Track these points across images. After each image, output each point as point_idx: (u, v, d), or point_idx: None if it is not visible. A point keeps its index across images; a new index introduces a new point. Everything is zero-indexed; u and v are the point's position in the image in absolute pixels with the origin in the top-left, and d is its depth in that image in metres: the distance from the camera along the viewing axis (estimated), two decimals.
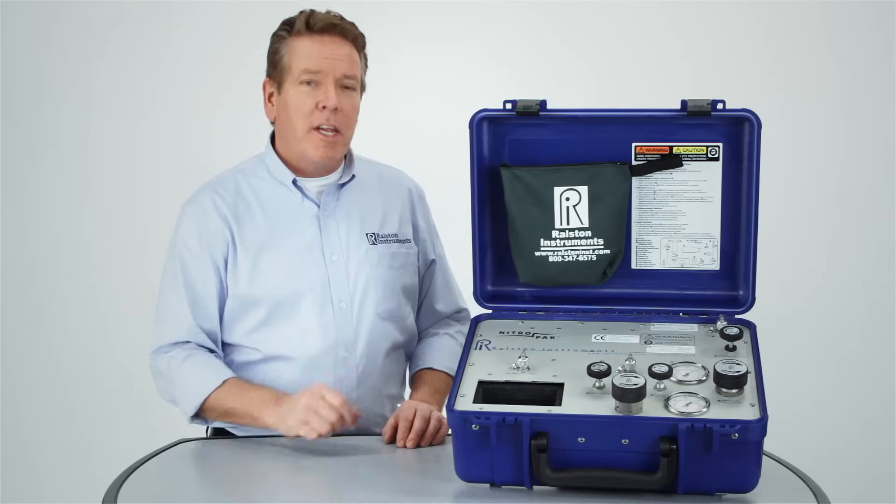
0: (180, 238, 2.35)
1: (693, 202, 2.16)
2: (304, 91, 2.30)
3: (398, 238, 2.44)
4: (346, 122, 2.32)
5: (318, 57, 2.29)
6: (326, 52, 2.30)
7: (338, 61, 2.30)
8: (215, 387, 2.26)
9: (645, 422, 1.83)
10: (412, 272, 2.46)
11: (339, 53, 2.30)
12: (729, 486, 1.85)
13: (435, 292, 2.54)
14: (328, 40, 2.30)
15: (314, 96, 2.29)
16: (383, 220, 2.43)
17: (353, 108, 2.33)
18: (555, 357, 2.05)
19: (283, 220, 2.36)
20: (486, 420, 1.85)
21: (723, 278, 2.18)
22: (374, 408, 2.37)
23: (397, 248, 2.43)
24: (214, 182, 2.40)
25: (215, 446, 2.27)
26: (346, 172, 2.42)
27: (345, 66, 2.30)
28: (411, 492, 1.95)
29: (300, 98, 2.30)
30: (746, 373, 1.88)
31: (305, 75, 2.29)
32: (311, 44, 2.30)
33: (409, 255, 2.45)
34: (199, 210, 2.35)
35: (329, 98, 2.28)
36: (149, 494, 1.97)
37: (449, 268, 2.56)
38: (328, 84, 2.28)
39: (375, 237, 2.41)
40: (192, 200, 2.38)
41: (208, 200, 2.35)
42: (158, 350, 2.35)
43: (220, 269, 2.33)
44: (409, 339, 2.48)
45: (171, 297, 2.34)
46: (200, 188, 2.40)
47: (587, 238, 2.17)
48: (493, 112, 2.14)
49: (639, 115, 2.13)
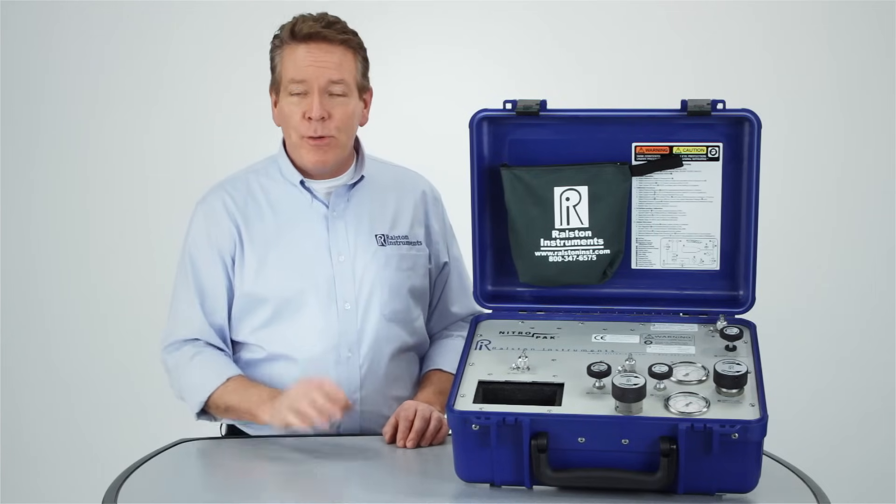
0: (191, 237, 2.39)
1: (693, 202, 2.16)
2: (293, 101, 2.30)
3: (408, 240, 2.43)
4: (337, 127, 2.30)
5: (303, 66, 2.28)
6: (311, 59, 2.28)
7: (323, 69, 2.28)
8: (218, 385, 2.28)
9: (645, 422, 1.83)
10: (422, 274, 2.46)
11: (325, 60, 2.29)
12: (729, 486, 1.85)
13: (450, 294, 2.53)
14: (314, 47, 2.29)
15: (301, 106, 2.29)
16: (394, 222, 2.43)
17: (345, 114, 2.31)
18: (555, 357, 2.05)
19: (291, 219, 2.37)
20: (486, 420, 1.85)
21: (723, 278, 2.18)
22: (378, 409, 2.37)
23: (407, 250, 2.42)
24: (226, 182, 2.43)
25: (215, 446, 2.27)
26: (355, 174, 2.42)
27: (330, 72, 2.28)
28: (411, 492, 1.95)
29: (290, 108, 2.31)
30: (746, 373, 1.88)
31: (292, 85, 2.29)
32: (297, 52, 2.29)
33: (418, 257, 2.45)
34: (209, 209, 2.38)
35: (314, 109, 2.27)
36: (149, 494, 1.97)
37: (465, 271, 2.54)
38: (313, 93, 2.28)
39: (385, 238, 2.41)
40: (203, 200, 2.41)
41: (218, 200, 2.38)
42: (169, 346, 2.37)
43: (228, 268, 2.35)
44: (419, 342, 2.47)
45: (182, 295, 2.37)
46: (213, 187, 2.42)
47: (587, 238, 2.17)
48: (493, 112, 2.14)
49: (639, 115, 2.13)
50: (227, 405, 2.28)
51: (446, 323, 2.55)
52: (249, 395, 2.25)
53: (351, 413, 2.33)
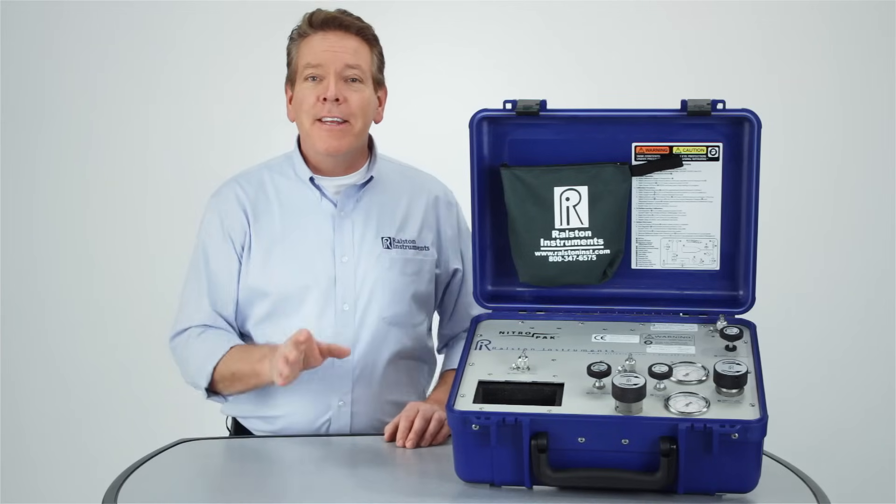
0: (204, 228, 2.41)
1: (693, 202, 2.16)
2: (308, 86, 2.32)
3: (415, 244, 2.43)
4: (352, 113, 2.32)
5: (319, 50, 2.31)
6: (327, 44, 2.31)
7: (339, 53, 2.31)
8: (223, 353, 2.30)
9: (645, 422, 1.83)
10: (427, 280, 2.45)
11: (341, 45, 2.32)
12: (729, 486, 1.85)
13: (469, 299, 2.48)
14: (330, 34, 2.32)
15: (316, 90, 2.31)
16: (402, 225, 2.43)
17: (361, 100, 2.33)
18: (555, 357, 2.05)
19: (299, 217, 2.37)
20: (486, 420, 1.85)
21: (723, 278, 2.18)
22: (372, 413, 2.37)
23: (413, 255, 2.42)
24: (240, 175, 2.45)
25: (215, 446, 2.27)
26: (366, 173, 2.42)
27: (347, 57, 2.31)
28: (411, 492, 1.95)
29: (304, 92, 2.32)
30: (746, 373, 1.88)
31: (308, 70, 2.32)
32: (314, 39, 2.33)
33: (424, 262, 2.44)
34: (222, 200, 2.41)
35: (329, 89, 2.29)
36: (149, 494, 1.97)
37: None
38: (329, 76, 2.30)
39: (391, 241, 2.40)
40: (217, 192, 2.44)
41: (231, 192, 2.41)
42: (177, 335, 2.39)
43: (239, 257, 2.37)
44: (421, 347, 2.47)
45: (192, 284, 2.39)
46: (227, 181, 2.45)
47: (587, 238, 2.17)
48: (493, 112, 2.14)
49: (639, 115, 2.13)
50: (233, 371, 2.29)
51: (465, 326, 2.51)
52: (251, 355, 2.27)
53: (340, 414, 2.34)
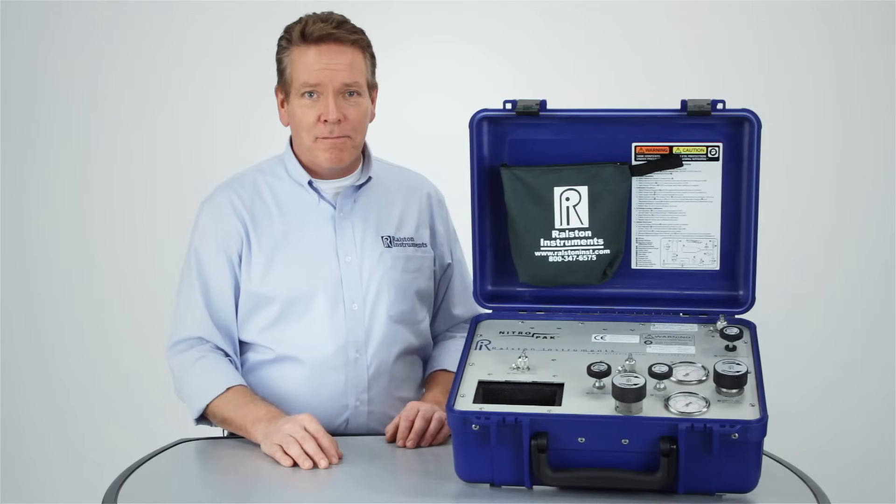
0: (197, 235, 2.38)
1: (693, 202, 2.16)
2: (306, 104, 2.29)
3: (414, 242, 2.43)
4: (352, 128, 2.31)
5: (315, 69, 2.27)
6: (324, 62, 2.27)
7: (336, 71, 2.27)
8: (217, 394, 2.26)
9: (645, 422, 1.83)
10: (427, 276, 2.46)
11: (338, 63, 2.28)
12: (729, 486, 1.85)
13: (452, 297, 2.53)
14: (325, 50, 2.28)
15: (316, 109, 2.29)
16: (399, 224, 2.43)
17: (359, 114, 2.32)
18: (555, 357, 2.05)
19: (299, 219, 2.37)
20: (486, 420, 1.85)
21: (723, 278, 2.18)
22: (385, 410, 2.37)
23: (412, 252, 2.43)
24: (233, 180, 2.42)
25: (215, 446, 2.27)
26: (362, 174, 2.42)
27: (344, 74, 2.28)
28: (411, 492, 1.95)
29: (303, 111, 2.30)
30: (746, 373, 1.88)
31: (305, 88, 2.28)
32: (309, 55, 2.28)
33: (424, 259, 2.45)
34: (215, 207, 2.37)
35: (329, 112, 2.27)
36: (149, 494, 1.97)
37: (468, 273, 2.53)
38: (328, 96, 2.27)
39: (391, 240, 2.41)
40: (210, 198, 2.40)
41: (225, 198, 2.37)
42: (173, 347, 2.36)
43: (234, 266, 2.35)
44: (424, 344, 2.48)
45: (186, 293, 2.37)
46: (219, 186, 2.42)
47: (587, 238, 2.17)
48: (493, 112, 2.14)
49: (639, 115, 2.13)
50: (224, 417, 2.26)
51: (449, 325, 2.55)
52: (246, 412, 2.22)
53: (358, 413, 2.34)
